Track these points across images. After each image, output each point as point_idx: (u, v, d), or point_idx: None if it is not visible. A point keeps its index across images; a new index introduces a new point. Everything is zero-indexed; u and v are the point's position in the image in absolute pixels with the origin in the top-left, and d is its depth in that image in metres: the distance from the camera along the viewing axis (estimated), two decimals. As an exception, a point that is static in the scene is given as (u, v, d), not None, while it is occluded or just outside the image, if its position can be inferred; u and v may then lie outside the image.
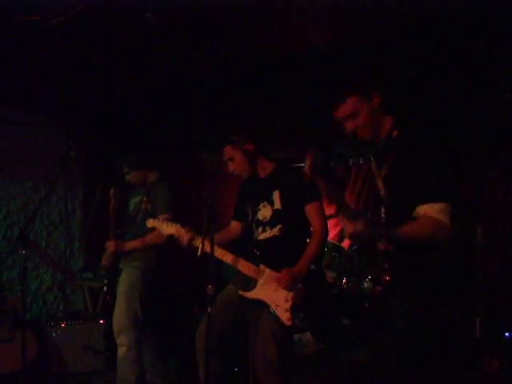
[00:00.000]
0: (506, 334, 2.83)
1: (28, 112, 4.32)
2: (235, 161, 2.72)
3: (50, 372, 3.76)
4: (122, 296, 3.21)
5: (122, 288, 3.24)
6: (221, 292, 2.78)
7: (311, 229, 2.68)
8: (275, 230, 2.68)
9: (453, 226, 1.72)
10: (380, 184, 1.98)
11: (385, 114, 1.97)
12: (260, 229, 2.74)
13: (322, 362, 4.31)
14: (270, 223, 2.70)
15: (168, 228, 2.76)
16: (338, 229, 6.42)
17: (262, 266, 2.64)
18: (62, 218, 4.53)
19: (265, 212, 2.73)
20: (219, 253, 2.65)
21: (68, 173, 4.46)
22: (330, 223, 6.12)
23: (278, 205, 2.68)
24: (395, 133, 1.86)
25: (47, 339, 3.82)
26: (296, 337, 4.85)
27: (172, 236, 2.74)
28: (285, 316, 2.50)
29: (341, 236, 6.48)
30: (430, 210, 1.73)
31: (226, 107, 4.25)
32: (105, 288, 3.31)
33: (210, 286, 2.39)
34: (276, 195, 2.68)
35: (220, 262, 2.69)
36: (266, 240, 2.71)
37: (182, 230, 2.70)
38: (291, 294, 2.53)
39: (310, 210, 2.63)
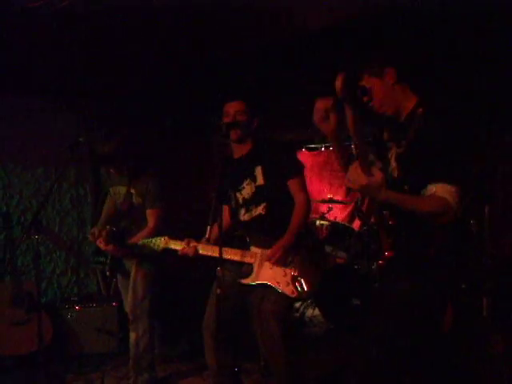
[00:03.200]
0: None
1: (38, 98, 4.34)
2: (241, 118, 2.64)
3: (65, 353, 3.85)
4: (138, 284, 3.21)
5: (136, 276, 3.23)
6: (215, 282, 2.75)
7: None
8: (260, 209, 2.66)
9: (459, 210, 1.72)
10: (393, 163, 1.96)
11: (406, 92, 1.93)
12: (243, 209, 2.72)
13: (331, 342, 4.36)
14: (254, 201, 2.68)
15: (159, 244, 2.80)
16: (348, 210, 6.43)
17: (253, 249, 2.65)
18: (73, 203, 4.57)
19: (248, 190, 2.70)
20: (206, 250, 2.67)
21: (78, 158, 4.49)
22: (340, 205, 6.14)
23: (260, 180, 2.65)
24: (420, 110, 1.82)
25: (62, 322, 3.91)
26: (307, 317, 4.91)
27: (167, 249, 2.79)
28: (288, 289, 2.54)
29: (351, 217, 6.49)
30: (441, 190, 1.72)
31: (236, 89, 4.22)
32: (107, 273, 3.30)
33: (218, 268, 2.42)
34: (258, 171, 2.65)
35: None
36: (252, 220, 2.69)
37: (171, 242, 2.77)
38: (288, 267, 2.57)
39: (293, 184, 2.62)
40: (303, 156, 6.53)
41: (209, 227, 2.47)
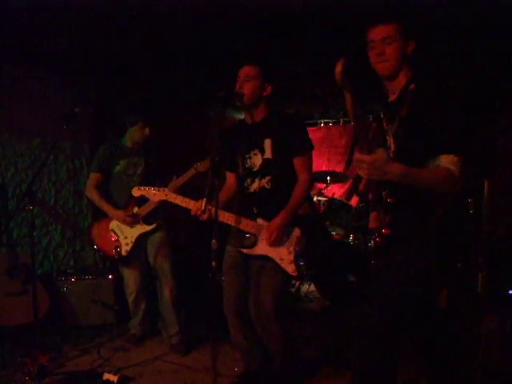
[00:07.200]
0: (511, 291, 2.84)
1: (35, 68, 4.26)
2: (249, 85, 2.56)
3: (62, 325, 3.87)
4: (164, 246, 3.51)
5: (162, 240, 3.52)
6: (224, 257, 2.79)
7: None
8: (264, 182, 2.63)
9: (462, 179, 1.76)
10: (390, 140, 1.96)
11: (407, 67, 1.95)
12: (249, 180, 2.68)
13: (327, 317, 4.39)
14: (260, 173, 2.64)
15: (157, 195, 2.79)
16: (346, 186, 6.41)
17: (259, 220, 2.63)
18: (69, 175, 4.53)
19: (255, 160, 2.65)
20: (222, 216, 2.62)
21: (74, 130, 4.43)
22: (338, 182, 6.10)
23: (268, 154, 2.61)
24: (412, 86, 1.86)
25: (58, 293, 3.92)
26: (302, 292, 4.93)
27: (164, 201, 2.78)
28: (290, 268, 2.56)
29: (349, 194, 6.48)
30: (445, 161, 1.76)
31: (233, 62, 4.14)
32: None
33: (213, 241, 2.40)
34: (268, 144, 2.60)
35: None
36: (256, 192, 2.66)
37: (173, 196, 2.73)
38: (292, 245, 2.57)
39: (298, 162, 2.59)
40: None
41: (205, 200, 2.45)
